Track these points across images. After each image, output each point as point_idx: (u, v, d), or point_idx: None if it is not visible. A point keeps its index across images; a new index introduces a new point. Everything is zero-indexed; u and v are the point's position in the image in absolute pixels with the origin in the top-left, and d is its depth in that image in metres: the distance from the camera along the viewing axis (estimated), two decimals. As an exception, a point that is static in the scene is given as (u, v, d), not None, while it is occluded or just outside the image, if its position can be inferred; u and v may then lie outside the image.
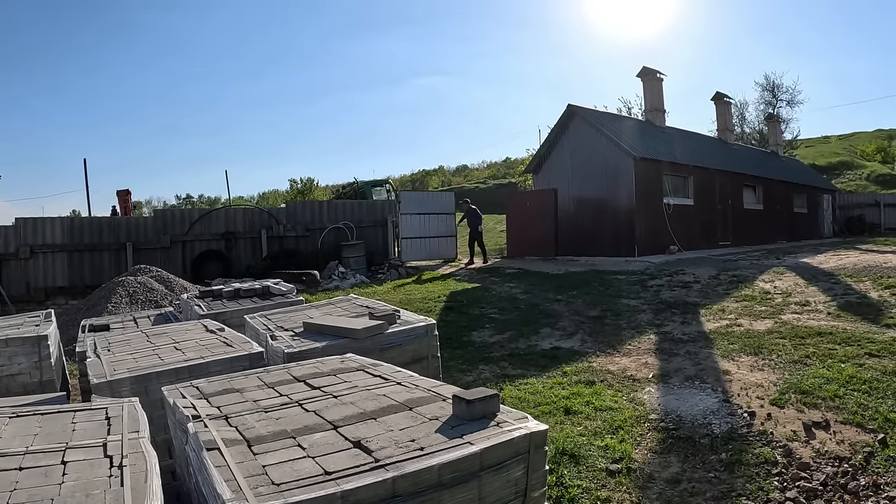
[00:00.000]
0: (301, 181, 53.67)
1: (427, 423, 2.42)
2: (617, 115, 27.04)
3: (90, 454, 2.37)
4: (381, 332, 4.47)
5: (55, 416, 2.95)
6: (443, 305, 11.83)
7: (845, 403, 5.57)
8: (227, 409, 2.72)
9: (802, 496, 4.34)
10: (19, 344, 5.38)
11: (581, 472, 4.69)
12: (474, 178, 68.43)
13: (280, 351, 4.20)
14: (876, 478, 4.46)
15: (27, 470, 2.25)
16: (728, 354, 7.51)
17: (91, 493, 2.00)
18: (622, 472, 4.71)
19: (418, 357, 4.44)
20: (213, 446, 2.22)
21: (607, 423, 5.58)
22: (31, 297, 15.76)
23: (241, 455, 2.17)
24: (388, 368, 3.32)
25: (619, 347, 8.42)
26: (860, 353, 6.95)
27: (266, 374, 3.40)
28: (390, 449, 2.16)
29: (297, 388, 3.05)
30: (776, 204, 25.52)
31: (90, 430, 2.67)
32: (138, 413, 2.85)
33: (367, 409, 2.62)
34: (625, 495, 4.44)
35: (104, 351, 4.66)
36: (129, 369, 3.97)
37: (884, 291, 10.32)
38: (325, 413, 2.59)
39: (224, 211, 19.23)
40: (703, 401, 6.05)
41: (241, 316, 6.03)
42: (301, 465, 2.05)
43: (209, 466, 2.04)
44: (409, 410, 2.59)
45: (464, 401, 2.41)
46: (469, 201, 20.65)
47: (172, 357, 4.21)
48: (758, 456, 4.88)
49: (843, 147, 52.74)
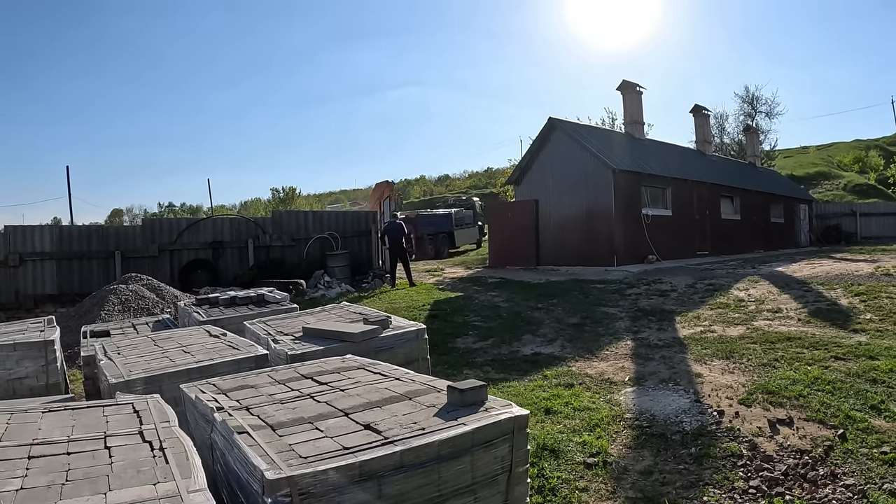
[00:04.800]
0: (283, 190, 53.90)
1: (426, 410, 2.78)
2: (597, 128, 27.54)
3: (129, 440, 2.63)
4: (375, 335, 4.82)
5: (85, 410, 3.22)
6: (427, 314, 12.05)
7: (809, 402, 5.93)
8: (246, 402, 3.04)
9: (765, 485, 4.70)
10: (27, 348, 5.58)
11: (560, 465, 5.04)
12: (456, 187, 68.99)
13: (283, 353, 4.53)
14: (834, 468, 4.81)
15: (75, 454, 2.48)
16: (701, 359, 7.88)
17: (141, 470, 2.27)
18: (598, 464, 5.06)
19: (410, 359, 4.77)
20: (242, 430, 2.55)
21: (585, 421, 5.93)
22: (20, 304, 15.84)
23: (268, 437, 2.50)
24: (387, 366, 3.68)
25: (597, 353, 8.78)
26: (826, 357, 7.34)
27: (275, 372, 3.73)
28: (396, 430, 2.51)
29: (306, 384, 3.38)
30: (753, 214, 26.09)
31: (123, 421, 2.93)
32: (163, 406, 3.15)
33: (372, 399, 2.97)
34: (601, 485, 4.80)
35: (115, 354, 4.90)
36: (144, 370, 4.24)
37: (853, 298, 10.78)
38: (336, 403, 2.93)
39: (211, 221, 19.41)
40: (675, 401, 6.40)
41: (238, 322, 6.30)
42: (322, 443, 2.39)
43: (242, 446, 2.37)
44: (410, 400, 2.94)
45: (457, 390, 2.78)
46: (397, 215, 20.02)
47: (182, 359, 4.49)
48: (725, 450, 5.23)
49: (821, 157, 53.67)
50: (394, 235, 17.32)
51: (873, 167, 48.79)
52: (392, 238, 17.34)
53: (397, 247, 17.28)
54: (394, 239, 17.31)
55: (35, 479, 2.22)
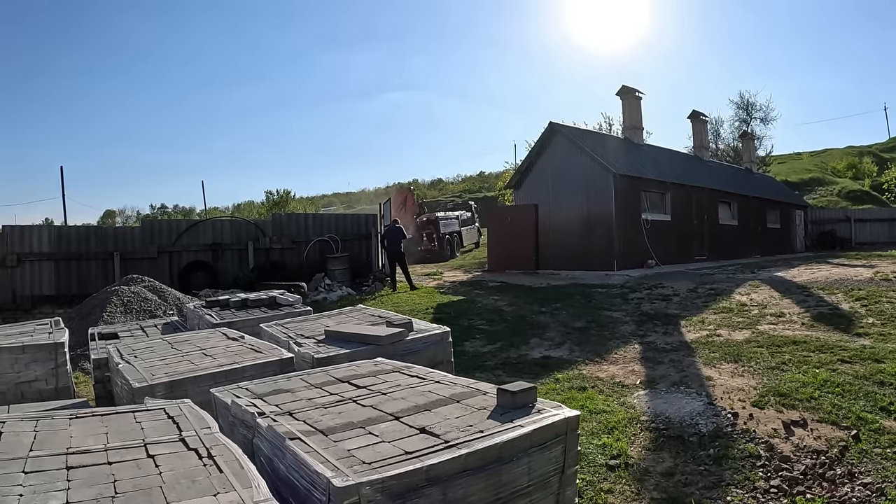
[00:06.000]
0: (277, 193, 53.65)
1: (477, 413, 2.74)
2: (597, 133, 27.60)
3: (172, 448, 2.49)
4: (401, 338, 4.78)
5: (116, 416, 3.05)
6: (431, 317, 11.96)
7: (821, 404, 5.99)
8: (287, 407, 2.97)
9: (785, 484, 4.77)
10: (36, 351, 5.41)
11: (584, 467, 5.03)
12: (449, 191, 68.91)
13: (309, 356, 4.47)
14: (851, 468, 4.89)
15: (117, 464, 2.32)
16: (710, 362, 7.90)
17: (196, 480, 2.15)
18: (621, 466, 5.08)
19: (435, 362, 4.72)
20: (293, 436, 2.48)
21: (602, 424, 5.94)
22: (18, 305, 15.74)
23: (323, 442, 2.43)
24: (422, 370, 3.62)
25: (606, 356, 8.77)
26: (833, 360, 7.40)
27: (307, 376, 3.65)
28: (454, 433, 2.47)
29: (344, 388, 3.32)
30: (750, 219, 26.22)
31: (159, 427, 2.79)
32: (198, 411, 3.03)
33: (419, 402, 2.92)
34: (625, 486, 4.81)
35: (132, 357, 4.76)
36: (167, 374, 4.11)
37: (854, 303, 10.85)
38: (382, 407, 2.88)
39: (211, 222, 19.36)
40: (689, 404, 6.42)
41: (253, 325, 6.20)
42: (381, 448, 2.34)
43: (298, 453, 2.30)
44: (457, 403, 2.90)
45: (508, 392, 2.76)
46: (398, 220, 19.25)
47: (205, 363, 4.38)
48: (743, 451, 5.27)
49: (815, 163, 53.83)
50: (393, 239, 17.27)
51: (867, 173, 49.01)
52: (391, 241, 17.31)
53: (396, 250, 17.25)
54: (393, 243, 17.27)
55: (80, 492, 2.07)
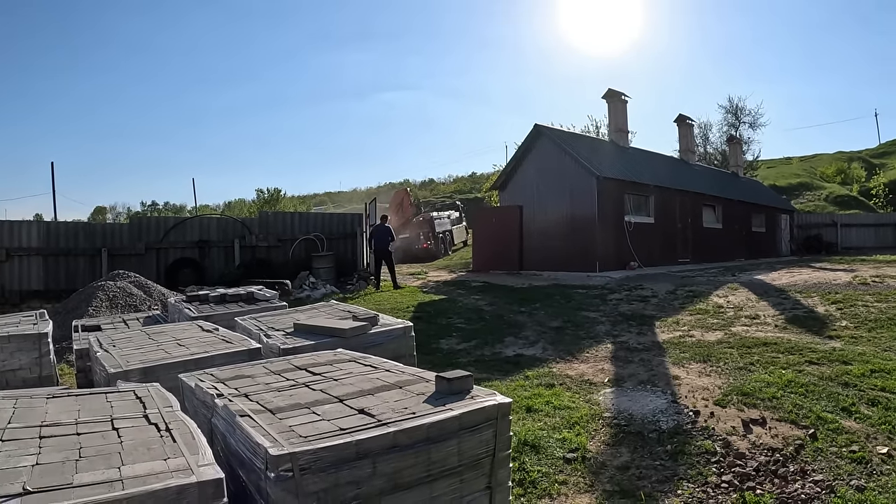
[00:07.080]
0: (268, 191, 53.73)
1: (415, 397, 2.96)
2: (581, 136, 27.87)
3: (136, 423, 2.74)
4: (365, 332, 5.00)
5: (89, 397, 3.31)
6: (411, 315, 12.19)
7: (782, 403, 6.14)
8: (245, 390, 3.21)
9: (737, 480, 4.91)
10: (21, 341, 5.66)
11: (541, 459, 5.23)
12: (440, 191, 69.09)
13: (276, 347, 4.69)
14: (804, 465, 5.02)
15: (85, 435, 2.58)
16: (679, 362, 8.10)
17: (151, 447, 2.41)
18: (578, 459, 5.26)
19: (397, 355, 4.91)
20: (243, 414, 2.72)
21: (565, 419, 6.13)
22: (6, 299, 15.87)
23: (269, 419, 2.67)
24: (377, 359, 3.85)
25: (577, 355, 8.99)
26: (801, 361, 7.58)
27: (269, 363, 3.89)
28: (389, 414, 2.69)
29: (300, 375, 3.55)
30: (735, 223, 26.50)
31: (127, 406, 3.05)
32: (164, 393, 3.29)
33: (365, 388, 3.15)
34: (579, 479, 5.00)
35: (111, 346, 4.99)
36: (141, 361, 4.34)
37: (830, 306, 11.07)
38: (330, 391, 3.11)
39: (198, 220, 19.54)
40: (653, 402, 6.61)
41: (229, 319, 6.43)
42: (320, 425, 2.57)
43: (245, 427, 2.54)
44: (400, 389, 3.13)
45: (445, 379, 2.97)
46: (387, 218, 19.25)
47: (178, 352, 4.61)
48: (699, 447, 5.44)
49: (804, 168, 54.26)
50: (381, 238, 17.53)
51: (855, 179, 49.43)
52: (379, 240, 17.55)
53: (383, 249, 17.50)
54: (380, 242, 17.52)
55: (49, 455, 2.32)
